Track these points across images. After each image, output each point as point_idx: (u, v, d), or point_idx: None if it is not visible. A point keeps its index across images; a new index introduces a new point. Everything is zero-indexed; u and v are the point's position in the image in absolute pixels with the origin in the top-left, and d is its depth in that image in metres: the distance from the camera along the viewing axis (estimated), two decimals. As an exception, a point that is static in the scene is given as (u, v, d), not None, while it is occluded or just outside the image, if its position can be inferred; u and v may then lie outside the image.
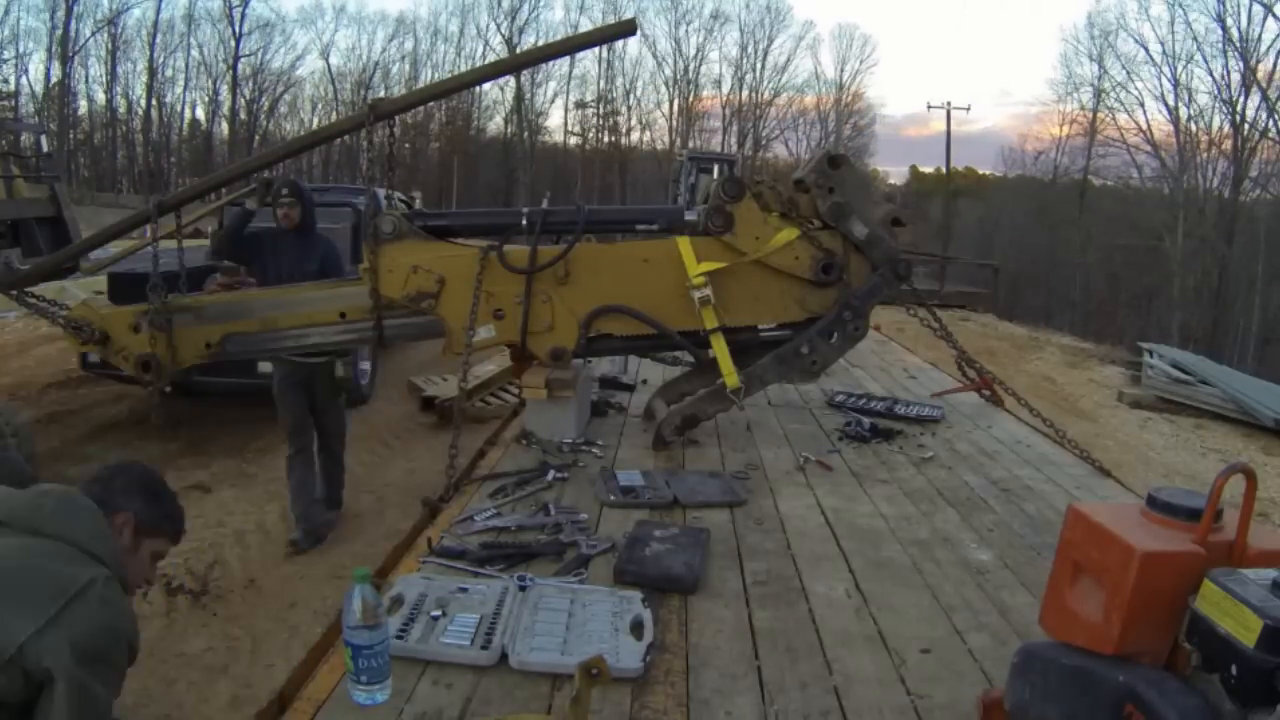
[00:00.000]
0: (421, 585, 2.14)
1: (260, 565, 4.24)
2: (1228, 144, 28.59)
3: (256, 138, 42.35)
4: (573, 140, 46.21)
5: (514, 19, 44.47)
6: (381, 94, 44.53)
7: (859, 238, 3.87)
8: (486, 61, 44.87)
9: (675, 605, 2.25)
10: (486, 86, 47.03)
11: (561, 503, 2.99)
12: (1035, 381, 10.30)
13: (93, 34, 39.04)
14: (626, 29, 3.62)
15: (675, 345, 4.05)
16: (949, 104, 31.42)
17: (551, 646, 1.90)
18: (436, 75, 45.24)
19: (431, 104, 45.00)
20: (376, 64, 44.58)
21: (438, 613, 1.99)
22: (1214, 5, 28.40)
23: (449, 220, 4.13)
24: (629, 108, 45.75)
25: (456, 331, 3.64)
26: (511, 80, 44.85)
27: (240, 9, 40.87)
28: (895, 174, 49.37)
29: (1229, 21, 28.24)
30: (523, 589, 2.15)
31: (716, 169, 16.16)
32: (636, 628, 1.99)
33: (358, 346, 4.89)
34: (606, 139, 45.86)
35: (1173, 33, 30.89)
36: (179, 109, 42.77)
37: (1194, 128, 29.95)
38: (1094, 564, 1.40)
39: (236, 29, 41.12)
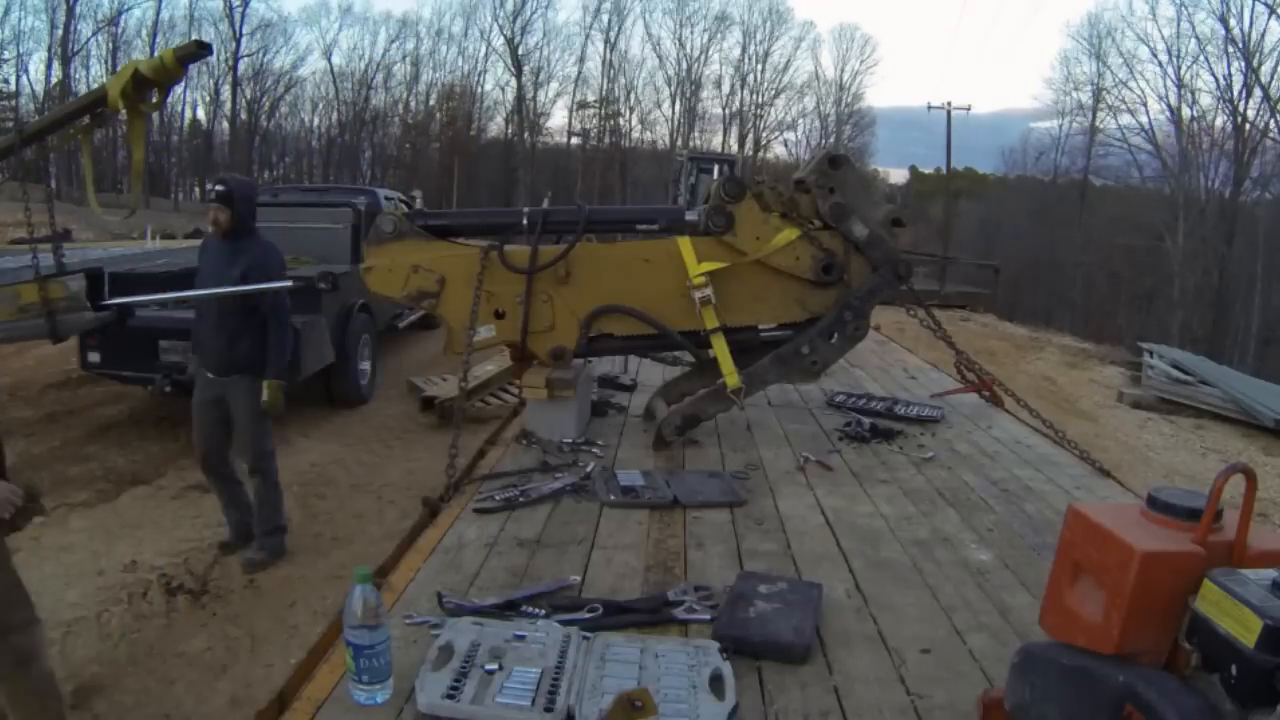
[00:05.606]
0: (473, 633, 1.93)
1: (260, 565, 4.22)
2: (1229, 144, 28.62)
3: (257, 138, 42.40)
4: (574, 140, 46.28)
5: (516, 20, 44.57)
6: (383, 94, 44.78)
7: (859, 238, 3.87)
8: (486, 62, 45.04)
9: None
10: (489, 86, 47.29)
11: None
12: (1035, 382, 10.28)
13: (93, 34, 39.11)
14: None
15: (676, 345, 4.05)
16: (949, 104, 31.37)
17: None
18: (438, 74, 45.38)
19: (432, 104, 45.26)
20: (379, 64, 44.66)
21: (493, 665, 1.79)
22: (1217, 5, 28.46)
23: (449, 220, 4.13)
24: (630, 108, 45.85)
25: (457, 331, 3.64)
26: (513, 81, 45.04)
27: (241, 9, 40.96)
28: (895, 174, 49.43)
29: (1231, 22, 28.30)
30: (586, 639, 1.94)
31: (717, 169, 16.15)
32: (715, 682, 1.80)
33: None
34: (608, 139, 45.91)
35: (1177, 32, 30.95)
36: (180, 109, 42.83)
37: (1195, 128, 30.02)
38: (1094, 564, 1.40)
39: (237, 29, 41.21)
